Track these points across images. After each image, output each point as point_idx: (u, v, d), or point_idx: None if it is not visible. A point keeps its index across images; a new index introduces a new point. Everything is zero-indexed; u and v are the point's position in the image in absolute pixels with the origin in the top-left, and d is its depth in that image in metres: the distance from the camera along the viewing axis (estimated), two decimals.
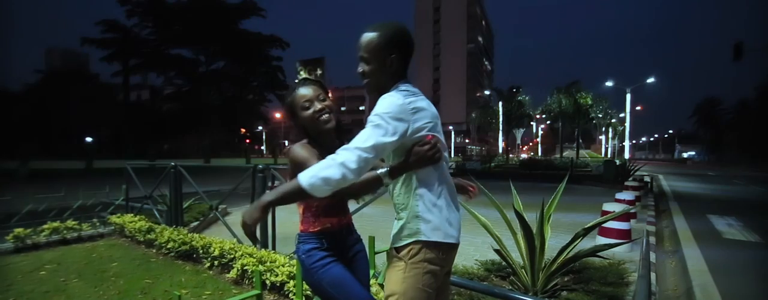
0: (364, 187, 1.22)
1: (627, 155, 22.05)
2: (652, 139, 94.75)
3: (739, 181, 18.91)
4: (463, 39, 68.94)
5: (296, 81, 1.40)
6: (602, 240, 4.68)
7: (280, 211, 4.94)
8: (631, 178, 11.06)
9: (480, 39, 76.42)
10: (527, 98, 31.49)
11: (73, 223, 4.56)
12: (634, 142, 32.52)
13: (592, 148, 79.72)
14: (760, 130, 36.24)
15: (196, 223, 5.17)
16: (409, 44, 1.27)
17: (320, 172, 1.09)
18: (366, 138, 1.13)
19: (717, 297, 3.44)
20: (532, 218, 2.70)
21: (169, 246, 3.67)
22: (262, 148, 47.91)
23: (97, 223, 4.90)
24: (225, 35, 32.84)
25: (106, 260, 3.71)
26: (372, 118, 1.16)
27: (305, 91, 1.37)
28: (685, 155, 72.66)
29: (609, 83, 25.40)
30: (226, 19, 33.40)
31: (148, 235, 4.07)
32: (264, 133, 47.83)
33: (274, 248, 3.34)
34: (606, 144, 46.52)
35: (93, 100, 26.05)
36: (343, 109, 74.77)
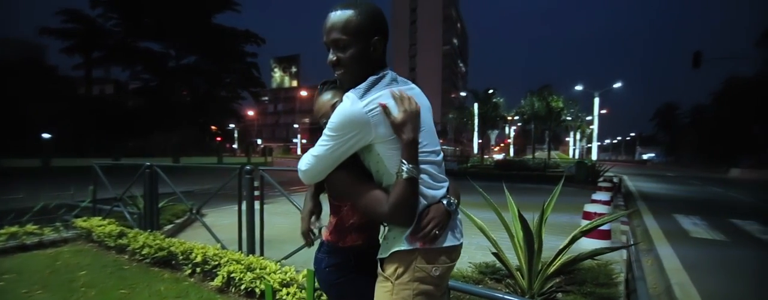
0: (404, 199, 1.02)
1: (594, 157, 22.99)
2: (615, 141, 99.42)
3: (696, 182, 20.08)
4: (438, 40, 69.80)
5: (320, 86, 1.26)
6: (585, 241, 4.80)
7: (274, 216, 4.73)
8: (601, 179, 11.49)
9: (455, 41, 77.63)
10: (502, 100, 32.21)
11: (34, 227, 4.20)
12: (599, 144, 34.05)
13: (561, 149, 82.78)
14: (714, 135, 38.74)
15: (170, 226, 4.90)
16: (387, 26, 1.11)
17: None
18: (316, 146, 1.08)
19: (695, 294, 3.58)
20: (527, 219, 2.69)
21: (144, 252, 3.43)
22: (234, 146, 46.55)
23: (61, 228, 4.54)
24: (197, 29, 31.60)
25: (74, 268, 3.42)
26: (326, 127, 1.05)
27: (329, 97, 1.23)
28: (645, 157, 76.64)
29: (579, 87, 26.39)
30: (198, 13, 32.17)
31: (120, 240, 3.80)
32: (236, 132, 46.52)
33: (262, 254, 3.18)
34: (574, 146, 48.40)
35: (51, 93, 24.41)
36: None
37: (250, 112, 52.53)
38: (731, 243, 5.68)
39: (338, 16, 1.03)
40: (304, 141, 63.46)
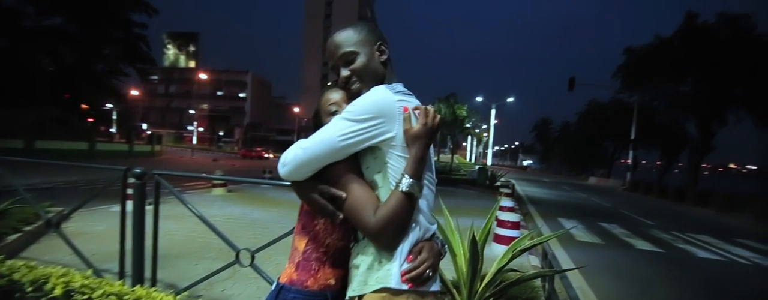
0: (396, 214, 0.89)
1: (490, 162, 25.44)
2: (502, 148, 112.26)
3: (567, 188, 23.57)
4: None
5: (328, 84, 1.16)
6: (496, 246, 5.04)
7: (164, 220, 3.85)
8: (499, 184, 12.60)
9: None
10: None
11: None
12: (491, 150, 38.01)
13: (459, 153, 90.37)
14: (576, 147, 46.21)
15: (15, 237, 3.71)
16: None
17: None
18: (318, 133, 0.95)
19: (593, 296, 3.97)
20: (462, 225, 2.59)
21: None
22: (112, 130, 39.72)
23: None
24: None
25: None
26: (345, 110, 0.96)
27: (332, 95, 1.11)
28: (525, 163, 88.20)
29: (479, 98, 28.96)
30: None
31: None
32: (115, 113, 39.78)
33: (153, 282, 2.49)
34: (470, 151, 53.16)
35: None
36: (219, 93, 67.71)
37: (135, 92, 45.35)
38: (606, 245, 6.59)
39: (341, 35, 1.06)
40: (201, 129, 57.42)
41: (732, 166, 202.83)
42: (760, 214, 11.92)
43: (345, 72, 1.04)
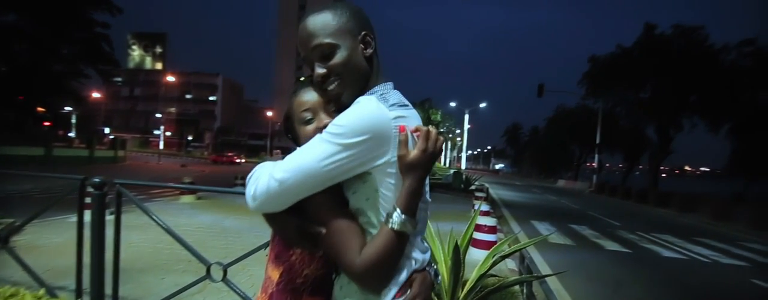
0: (384, 255, 0.76)
1: (464, 166, 25.84)
2: (475, 152, 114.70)
3: (537, 190, 24.25)
4: None
5: (300, 80, 0.96)
6: (474, 251, 5.05)
7: (127, 231, 3.64)
8: (473, 187, 12.78)
9: None
10: None
11: None
12: (465, 154, 38.82)
13: None
14: (544, 151, 47.80)
15: None
16: (371, 23, 0.92)
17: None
18: (296, 159, 0.77)
19: (567, 297, 4.04)
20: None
21: None
22: (71, 134, 37.47)
23: None
24: None
25: None
26: (326, 130, 0.78)
27: (306, 97, 0.90)
28: (497, 167, 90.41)
29: (453, 104, 29.45)
30: None
31: None
32: (75, 117, 37.59)
33: (115, 299, 2.30)
34: (445, 155, 53.95)
35: None
36: (187, 96, 65.44)
37: (97, 95, 43.04)
38: (577, 247, 6.78)
39: (316, 21, 0.84)
40: (168, 133, 55.16)
41: (687, 168, 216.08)
42: (715, 213, 12.67)
43: (320, 69, 0.85)
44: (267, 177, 0.77)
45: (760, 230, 10.24)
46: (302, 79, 0.96)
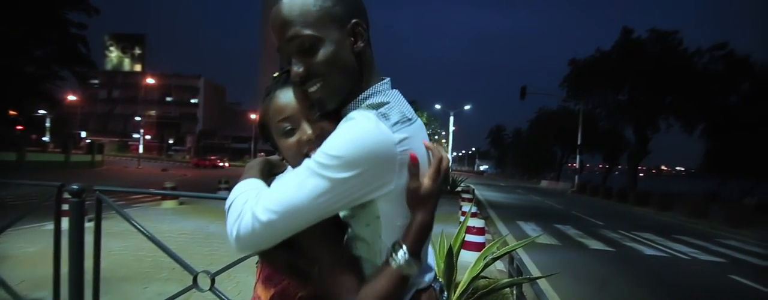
0: (384, 298, 0.65)
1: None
2: (460, 154, 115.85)
3: (522, 191, 24.59)
4: None
5: (275, 76, 0.77)
6: (463, 252, 5.06)
7: (107, 238, 3.52)
8: (459, 188, 12.88)
9: None
10: None
11: None
12: (451, 155, 39.30)
13: None
14: (527, 152, 48.68)
15: None
16: (364, 6, 0.75)
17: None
18: (283, 193, 0.63)
19: (556, 297, 4.08)
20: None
21: None
22: (45, 138, 36.09)
23: None
24: None
25: None
26: (316, 158, 0.63)
27: (285, 102, 0.73)
28: (482, 168, 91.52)
29: (438, 106, 29.66)
30: None
31: None
32: (49, 120, 36.24)
33: None
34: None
35: None
36: (168, 99, 63.98)
37: (73, 97, 41.63)
38: (562, 247, 6.88)
39: (294, 5, 0.66)
40: (148, 137, 53.74)
41: (664, 167, 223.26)
42: (692, 211, 13.11)
43: (297, 68, 0.68)
44: (250, 216, 0.64)
45: (735, 227, 10.63)
46: (276, 75, 0.77)
